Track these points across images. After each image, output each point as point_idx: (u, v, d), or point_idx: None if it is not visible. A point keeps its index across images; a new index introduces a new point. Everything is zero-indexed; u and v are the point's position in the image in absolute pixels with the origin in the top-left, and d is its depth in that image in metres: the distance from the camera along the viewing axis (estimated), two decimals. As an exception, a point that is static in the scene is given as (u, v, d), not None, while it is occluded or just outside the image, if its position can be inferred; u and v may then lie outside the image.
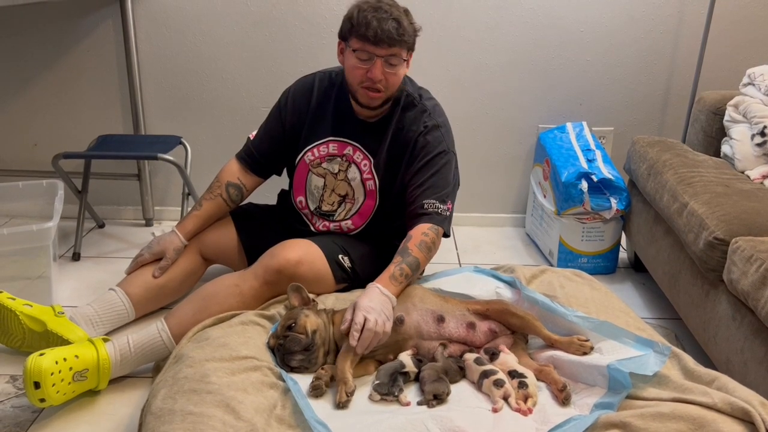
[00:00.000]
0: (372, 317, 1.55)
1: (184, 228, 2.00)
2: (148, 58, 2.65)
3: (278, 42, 2.62)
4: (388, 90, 1.84)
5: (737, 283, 1.58)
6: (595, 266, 2.43)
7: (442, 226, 1.86)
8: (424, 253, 1.79)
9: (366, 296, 1.62)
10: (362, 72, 1.80)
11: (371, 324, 1.54)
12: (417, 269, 1.77)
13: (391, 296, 1.66)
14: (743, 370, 1.56)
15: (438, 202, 1.86)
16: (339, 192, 1.99)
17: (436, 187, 1.88)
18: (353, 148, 1.96)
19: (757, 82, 2.21)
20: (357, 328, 1.54)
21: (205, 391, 1.38)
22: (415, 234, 1.81)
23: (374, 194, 1.97)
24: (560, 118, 2.71)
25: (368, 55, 1.77)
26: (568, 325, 1.64)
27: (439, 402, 1.45)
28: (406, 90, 1.95)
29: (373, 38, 1.74)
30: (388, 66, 1.79)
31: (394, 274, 1.71)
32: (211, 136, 2.75)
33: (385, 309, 1.60)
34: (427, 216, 1.84)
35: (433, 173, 1.89)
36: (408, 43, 1.80)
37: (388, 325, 1.59)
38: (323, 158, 1.99)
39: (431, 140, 1.91)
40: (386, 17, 1.74)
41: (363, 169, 1.96)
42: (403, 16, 1.78)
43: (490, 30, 2.60)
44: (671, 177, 2.03)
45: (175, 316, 1.75)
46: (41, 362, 1.51)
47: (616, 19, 2.59)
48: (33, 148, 2.79)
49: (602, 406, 1.39)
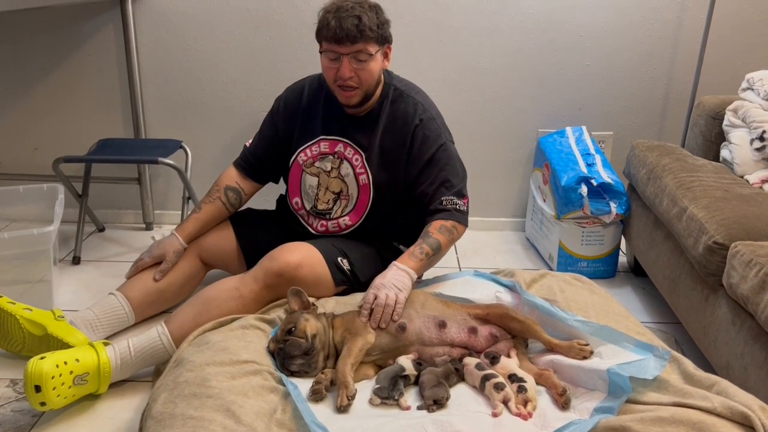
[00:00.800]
0: (383, 293, 1.62)
1: (184, 231, 2.01)
2: (149, 63, 2.65)
3: (279, 46, 2.63)
4: (362, 86, 1.87)
5: (737, 287, 1.58)
6: (595, 270, 2.43)
7: (461, 222, 1.92)
8: (445, 236, 1.85)
9: (381, 275, 1.69)
10: (333, 72, 1.84)
11: (381, 300, 1.61)
12: (438, 250, 1.82)
13: (410, 270, 1.72)
14: (743, 374, 1.56)
15: (456, 197, 1.91)
16: (333, 189, 2.01)
17: (450, 182, 1.93)
18: (344, 145, 1.98)
19: (755, 86, 2.22)
20: (366, 306, 1.62)
21: (206, 396, 1.38)
22: (435, 223, 1.87)
23: (368, 188, 1.98)
24: (560, 122, 2.72)
25: (335, 54, 1.82)
26: (568, 329, 1.64)
27: (439, 407, 1.45)
28: (393, 84, 1.98)
29: (335, 38, 1.78)
30: (356, 62, 1.82)
31: (414, 252, 1.78)
32: (211, 140, 2.75)
33: (398, 282, 1.66)
34: (446, 212, 1.90)
35: (442, 167, 1.93)
36: (372, 37, 1.81)
37: (401, 296, 1.64)
38: (315, 157, 2.01)
39: (429, 134, 1.94)
40: (346, 15, 1.77)
41: (355, 164, 1.97)
42: (366, 12, 1.80)
43: (490, 34, 2.61)
44: (671, 181, 2.03)
45: (176, 320, 1.76)
46: (42, 366, 1.51)
47: (615, 23, 2.60)
48: (34, 152, 2.79)
49: (602, 411, 1.39)
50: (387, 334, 1.62)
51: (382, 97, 1.95)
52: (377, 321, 1.60)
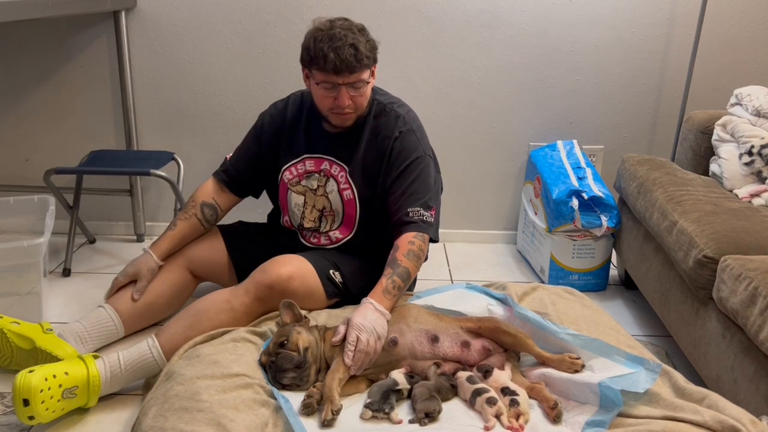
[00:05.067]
0: (364, 337, 1.56)
1: (158, 248, 1.99)
2: (142, 75, 2.66)
3: (271, 59, 2.64)
4: (358, 110, 1.88)
5: (726, 301, 1.59)
6: (586, 283, 2.44)
7: (428, 233, 1.87)
8: (413, 262, 1.80)
9: (359, 313, 1.63)
10: (330, 101, 1.83)
11: (363, 345, 1.56)
12: (408, 279, 1.78)
13: (385, 312, 1.66)
14: (733, 387, 1.57)
15: (422, 209, 1.87)
16: (317, 207, 2.01)
17: (418, 194, 1.89)
18: (329, 162, 1.98)
19: (744, 102, 2.25)
20: (350, 348, 1.56)
21: (196, 409, 1.37)
22: (402, 244, 1.82)
23: (353, 203, 1.98)
24: (551, 136, 2.74)
25: (332, 84, 1.80)
26: (560, 342, 1.65)
27: (430, 420, 1.44)
28: (376, 99, 1.98)
29: (333, 70, 1.76)
30: (353, 90, 1.82)
31: (387, 288, 1.72)
32: (203, 152, 2.75)
33: (378, 326, 1.61)
34: (412, 224, 1.85)
35: (413, 180, 1.90)
36: (368, 64, 1.81)
37: (379, 345, 1.60)
38: (301, 176, 2.01)
39: (407, 146, 1.92)
40: (342, 45, 1.74)
41: (339, 180, 1.98)
42: (360, 38, 1.78)
43: (482, 49, 2.63)
44: (661, 195, 2.04)
45: (166, 333, 1.74)
46: (30, 379, 1.49)
47: (605, 39, 2.63)
48: (24, 163, 2.78)
49: (594, 424, 1.39)
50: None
51: (365, 112, 1.96)
52: (357, 366, 1.56)
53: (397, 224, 1.88)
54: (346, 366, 1.55)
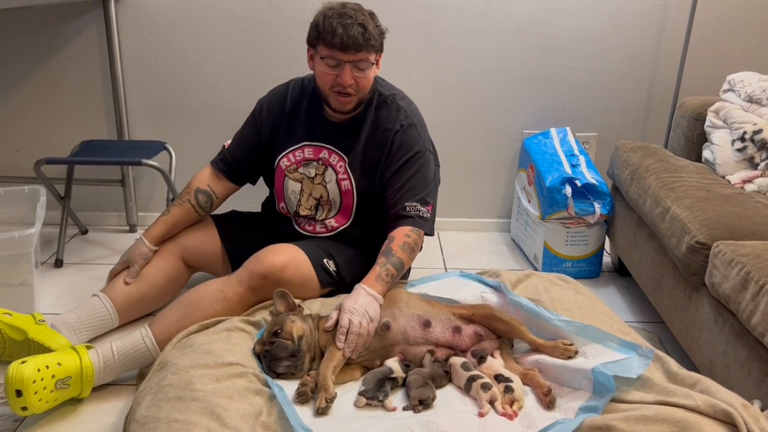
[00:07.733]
0: (356, 320, 1.57)
1: (151, 234, 1.99)
2: (132, 64, 2.63)
3: (263, 48, 2.62)
4: (359, 93, 1.86)
5: (719, 286, 1.59)
6: (580, 270, 2.44)
7: (423, 228, 1.89)
8: (407, 254, 1.81)
9: (351, 298, 1.64)
10: (332, 78, 1.82)
11: (355, 327, 1.57)
12: (401, 269, 1.80)
13: (377, 296, 1.68)
14: (725, 372, 1.58)
15: (419, 204, 1.88)
16: (315, 195, 2.00)
17: (417, 189, 1.90)
18: (328, 151, 1.97)
19: (737, 88, 2.25)
20: (342, 330, 1.57)
21: (190, 399, 1.37)
22: (398, 235, 1.83)
23: (351, 194, 1.98)
24: (544, 123, 2.73)
25: (336, 61, 1.79)
26: (553, 329, 1.65)
27: (425, 407, 1.45)
28: (378, 89, 1.97)
29: (340, 45, 1.75)
30: (357, 70, 1.81)
31: (380, 275, 1.73)
32: (195, 141, 2.73)
33: (369, 309, 1.62)
34: (409, 219, 1.87)
35: (413, 174, 1.91)
36: (375, 46, 1.81)
37: (372, 327, 1.61)
38: (299, 163, 2.00)
39: (407, 140, 1.92)
40: (351, 23, 1.75)
41: (338, 170, 1.97)
42: (369, 20, 1.79)
43: (475, 37, 2.62)
44: (654, 182, 2.05)
45: (160, 323, 1.74)
46: (23, 370, 1.49)
47: (599, 26, 2.62)
48: (15, 154, 2.75)
49: (587, 410, 1.40)
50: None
51: (367, 103, 1.95)
52: (351, 348, 1.57)
53: (394, 217, 1.88)
54: (341, 351, 1.55)
